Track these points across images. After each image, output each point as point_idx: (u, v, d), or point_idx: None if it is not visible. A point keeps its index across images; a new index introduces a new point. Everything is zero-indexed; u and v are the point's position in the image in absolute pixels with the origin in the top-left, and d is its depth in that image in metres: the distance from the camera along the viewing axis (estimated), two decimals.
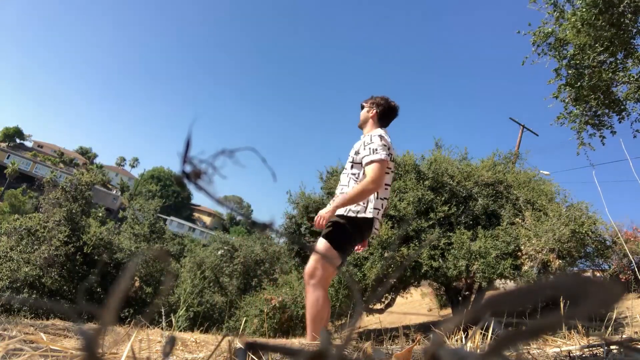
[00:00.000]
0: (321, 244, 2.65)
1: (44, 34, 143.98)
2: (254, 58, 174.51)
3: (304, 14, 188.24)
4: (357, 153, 2.81)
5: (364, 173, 2.74)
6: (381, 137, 2.76)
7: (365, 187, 2.62)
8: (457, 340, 1.39)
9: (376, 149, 2.69)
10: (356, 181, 2.77)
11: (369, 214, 2.71)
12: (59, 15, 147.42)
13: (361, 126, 3.01)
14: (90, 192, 15.73)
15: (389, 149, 2.76)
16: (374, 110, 2.97)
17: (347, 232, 2.68)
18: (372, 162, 2.67)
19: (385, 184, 2.82)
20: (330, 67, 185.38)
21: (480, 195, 7.78)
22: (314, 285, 2.56)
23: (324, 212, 2.69)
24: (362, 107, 3.03)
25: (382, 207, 2.82)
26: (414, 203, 7.49)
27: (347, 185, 2.80)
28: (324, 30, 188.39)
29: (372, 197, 2.75)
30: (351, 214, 2.69)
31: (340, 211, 2.69)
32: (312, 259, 2.62)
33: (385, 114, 2.98)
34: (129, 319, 7.99)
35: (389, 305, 10.17)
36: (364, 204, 2.72)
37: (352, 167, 2.83)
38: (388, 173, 2.81)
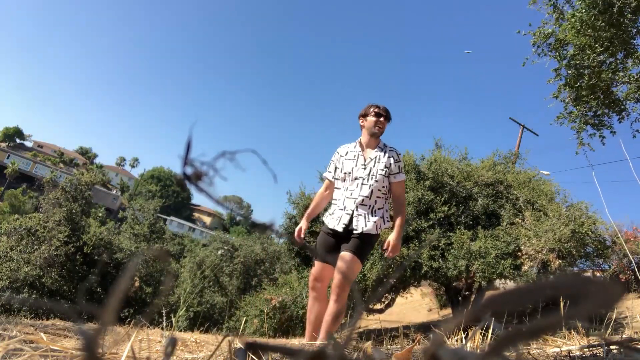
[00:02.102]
0: (349, 257, 2.61)
1: (44, 34, 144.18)
2: (253, 57, 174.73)
3: (305, 10, 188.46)
4: (386, 167, 2.80)
5: (390, 189, 2.85)
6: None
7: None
8: (457, 340, 1.39)
9: (403, 167, 2.86)
10: (385, 195, 2.83)
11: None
12: (59, 15, 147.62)
13: (380, 135, 2.91)
14: (90, 192, 15.75)
15: None
16: None
17: (372, 247, 2.78)
18: (403, 181, 2.84)
19: None
20: (330, 67, 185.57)
21: (480, 195, 7.78)
22: (343, 297, 2.57)
23: (396, 242, 2.69)
24: (389, 119, 2.91)
25: None
26: (414, 203, 7.48)
27: (369, 197, 2.75)
28: (323, 28, 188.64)
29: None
30: (379, 231, 2.74)
31: (370, 228, 2.69)
32: (341, 273, 2.60)
33: None
34: (129, 319, 8.00)
35: (389, 305, 10.16)
36: (384, 217, 2.79)
37: (383, 180, 2.80)
38: None
